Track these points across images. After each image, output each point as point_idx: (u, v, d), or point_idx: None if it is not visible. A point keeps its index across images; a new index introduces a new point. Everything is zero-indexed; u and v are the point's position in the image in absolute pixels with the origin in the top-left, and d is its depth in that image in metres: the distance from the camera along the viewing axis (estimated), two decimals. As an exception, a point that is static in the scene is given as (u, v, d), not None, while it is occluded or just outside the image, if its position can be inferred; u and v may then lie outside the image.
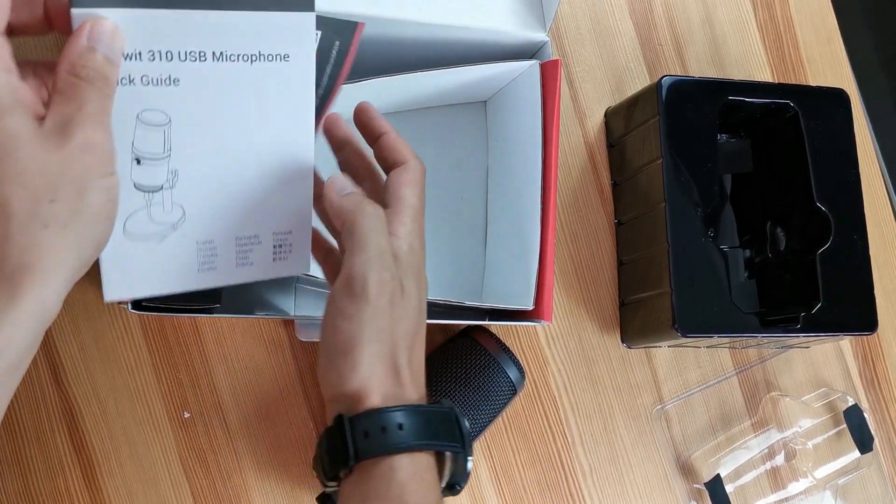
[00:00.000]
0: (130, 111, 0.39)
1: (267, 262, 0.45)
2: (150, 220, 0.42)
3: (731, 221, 0.70)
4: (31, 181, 0.35)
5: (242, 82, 0.40)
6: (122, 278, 0.42)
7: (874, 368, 0.74)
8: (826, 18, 0.77)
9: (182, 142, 0.40)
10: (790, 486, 0.70)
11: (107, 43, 0.37)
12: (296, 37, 0.40)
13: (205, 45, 0.38)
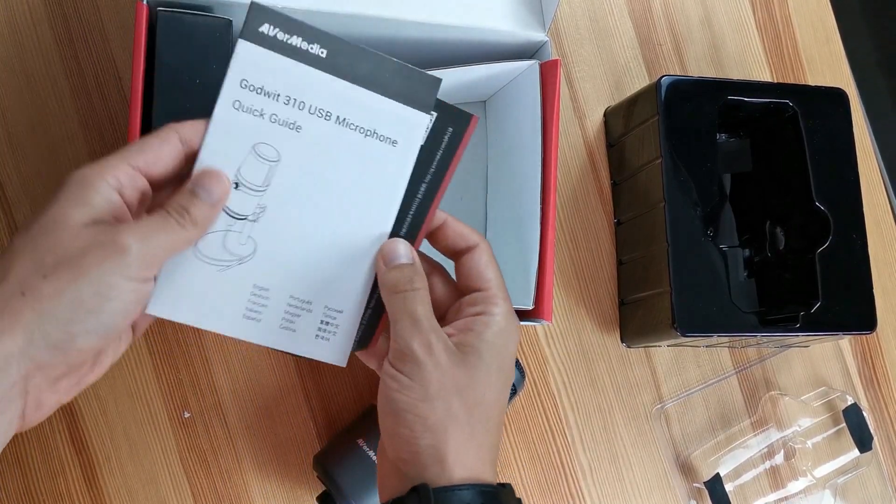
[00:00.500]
0: (249, 139, 0.42)
1: (308, 334, 0.45)
2: (222, 246, 0.43)
3: (731, 221, 0.70)
4: (42, 256, 0.37)
5: (351, 150, 0.44)
6: (173, 296, 0.43)
7: (873, 367, 0.74)
8: (825, 18, 0.77)
9: (280, 183, 0.43)
10: (790, 484, 0.70)
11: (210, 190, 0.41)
12: (408, 129, 0.45)
13: (334, 108, 0.43)
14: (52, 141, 0.62)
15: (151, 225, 0.40)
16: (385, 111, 0.44)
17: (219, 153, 0.42)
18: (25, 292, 0.37)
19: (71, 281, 0.37)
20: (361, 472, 0.57)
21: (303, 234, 0.44)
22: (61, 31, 0.63)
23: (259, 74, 0.42)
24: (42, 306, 0.37)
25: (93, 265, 0.37)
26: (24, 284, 0.37)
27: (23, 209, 0.61)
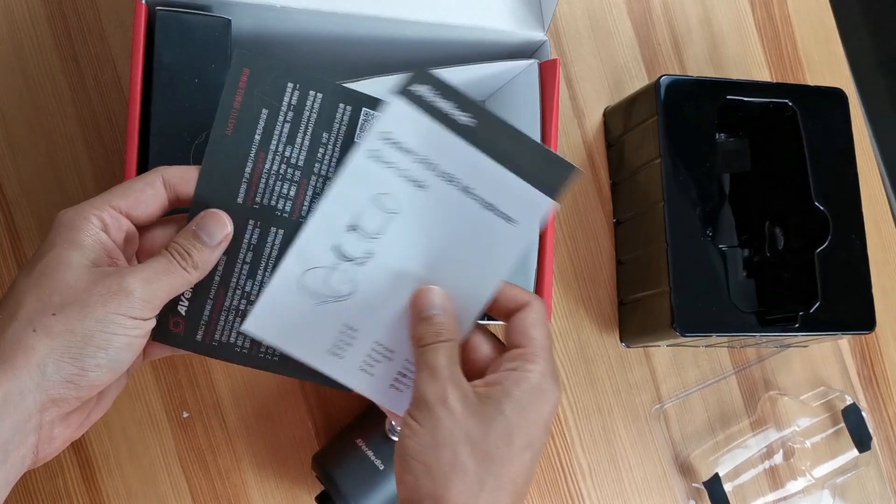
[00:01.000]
0: (374, 188, 0.44)
1: (384, 382, 0.46)
2: (324, 282, 0.44)
3: (730, 221, 0.70)
4: (49, 296, 0.39)
5: (468, 218, 0.44)
6: (268, 318, 0.44)
7: (872, 367, 0.74)
8: (824, 18, 0.77)
9: (392, 234, 0.44)
10: (788, 484, 0.70)
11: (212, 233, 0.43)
12: (530, 210, 0.44)
13: (463, 176, 0.43)
14: (50, 140, 0.62)
15: (155, 268, 0.41)
16: (511, 189, 0.44)
17: (344, 195, 0.44)
18: (37, 329, 0.39)
19: (79, 319, 0.39)
20: (360, 473, 0.57)
21: (401, 286, 0.44)
22: (60, 30, 0.63)
23: (402, 131, 0.43)
24: (54, 342, 0.39)
25: (98, 305, 0.39)
26: (34, 322, 0.39)
27: (21, 209, 0.61)
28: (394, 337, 0.45)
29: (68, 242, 0.41)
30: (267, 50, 0.59)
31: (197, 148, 0.51)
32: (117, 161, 0.62)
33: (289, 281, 0.44)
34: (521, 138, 0.43)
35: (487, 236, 0.44)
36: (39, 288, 0.40)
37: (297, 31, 0.57)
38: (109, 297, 0.40)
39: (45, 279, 0.40)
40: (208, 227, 0.43)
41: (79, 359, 0.39)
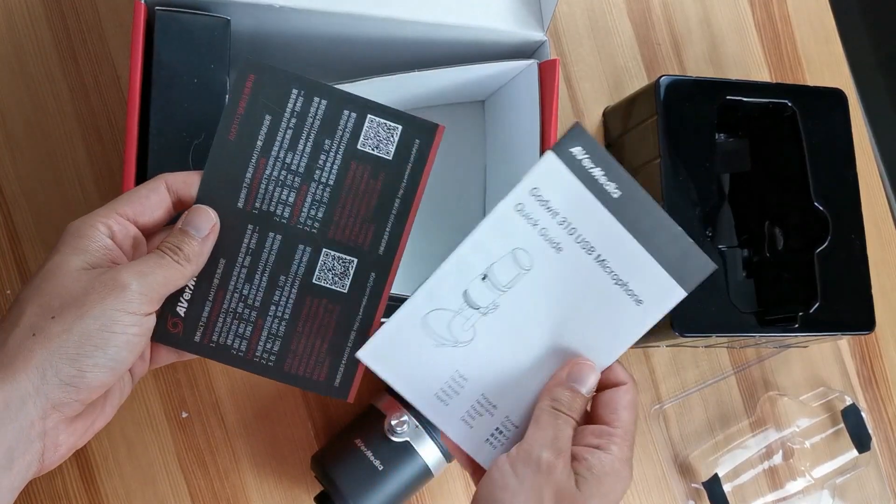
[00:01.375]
0: (512, 242, 0.44)
1: (481, 435, 0.46)
2: (446, 325, 0.44)
3: (730, 221, 0.70)
4: (49, 300, 0.40)
5: (597, 289, 0.44)
6: (385, 350, 0.44)
7: (872, 368, 0.74)
8: (824, 18, 0.77)
9: (521, 289, 0.44)
10: (788, 485, 0.70)
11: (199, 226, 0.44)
12: (659, 296, 0.44)
13: (600, 246, 0.43)
14: (50, 140, 0.62)
15: (148, 263, 0.42)
16: (645, 270, 0.44)
17: (483, 244, 0.44)
18: (36, 333, 0.39)
19: (77, 318, 0.40)
20: (359, 473, 0.57)
21: (519, 343, 0.45)
22: (59, 30, 0.63)
23: (551, 189, 0.43)
24: (52, 344, 0.39)
25: (96, 302, 0.40)
26: (34, 326, 0.40)
27: (20, 208, 0.61)
28: (500, 393, 0.45)
29: (71, 248, 0.42)
30: (266, 50, 0.59)
31: (196, 148, 0.51)
32: (116, 161, 0.62)
33: (414, 317, 0.44)
34: (665, 221, 0.43)
35: (613, 312, 0.44)
36: (40, 294, 0.41)
37: (296, 31, 0.57)
38: (106, 292, 0.40)
39: (45, 284, 0.41)
40: (194, 222, 0.44)
41: (76, 360, 0.39)
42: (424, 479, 0.59)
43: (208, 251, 0.45)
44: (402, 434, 0.57)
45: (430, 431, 0.58)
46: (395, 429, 0.57)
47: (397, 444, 0.57)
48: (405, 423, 0.58)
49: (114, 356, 0.40)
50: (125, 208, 0.43)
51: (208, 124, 0.52)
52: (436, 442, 0.58)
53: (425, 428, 0.58)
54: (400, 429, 0.57)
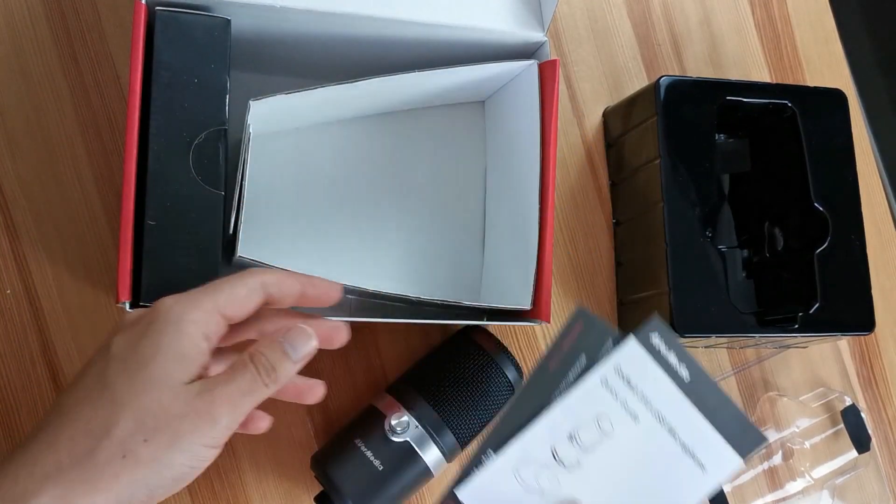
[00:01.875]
0: (597, 408, 0.49)
1: None
2: (535, 476, 0.49)
3: (729, 221, 0.70)
4: (143, 418, 0.39)
5: (666, 454, 0.49)
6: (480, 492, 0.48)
7: (871, 368, 0.74)
8: (824, 19, 0.77)
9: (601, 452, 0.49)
10: (788, 485, 0.70)
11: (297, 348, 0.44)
12: (720, 462, 0.49)
13: (671, 419, 0.49)
14: (49, 140, 0.62)
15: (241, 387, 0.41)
16: (709, 440, 0.50)
17: (572, 408, 0.49)
18: (126, 455, 0.39)
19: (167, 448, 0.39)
20: (359, 473, 0.57)
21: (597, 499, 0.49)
22: (59, 29, 0.63)
23: (632, 368, 0.50)
24: (137, 473, 0.39)
25: (187, 433, 0.40)
26: (125, 447, 0.39)
27: (20, 208, 0.61)
28: None
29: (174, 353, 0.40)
30: (266, 50, 0.59)
31: (196, 148, 0.51)
32: (116, 160, 0.62)
33: (507, 466, 0.48)
34: (726, 401, 0.50)
35: (679, 475, 0.50)
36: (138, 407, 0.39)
37: (296, 31, 0.57)
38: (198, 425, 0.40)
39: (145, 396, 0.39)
40: (295, 342, 0.44)
41: (154, 489, 0.40)
42: (424, 480, 0.59)
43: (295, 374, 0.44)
44: (402, 434, 0.57)
45: (431, 432, 0.58)
46: (395, 429, 0.57)
47: (397, 444, 0.57)
48: (405, 423, 0.58)
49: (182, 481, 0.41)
50: (227, 307, 0.42)
51: (209, 125, 0.52)
52: (436, 442, 0.58)
53: (426, 428, 0.58)
54: (400, 429, 0.57)
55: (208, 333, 0.41)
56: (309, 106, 0.59)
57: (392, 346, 0.65)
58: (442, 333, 0.65)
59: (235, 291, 0.43)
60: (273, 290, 0.44)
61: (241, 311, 0.43)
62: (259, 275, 0.44)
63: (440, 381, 0.60)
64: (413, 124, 0.66)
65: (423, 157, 0.66)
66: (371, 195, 0.64)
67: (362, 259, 0.63)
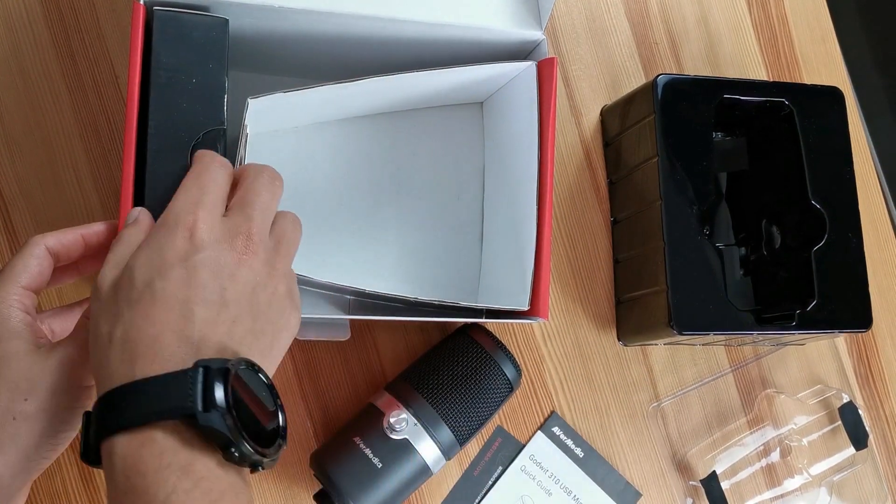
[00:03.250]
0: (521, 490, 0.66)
1: None
2: None
3: (727, 219, 0.70)
4: (15, 384, 0.44)
5: None
6: None
7: (869, 365, 0.74)
8: (821, 17, 0.78)
9: None
10: (785, 482, 0.70)
11: None
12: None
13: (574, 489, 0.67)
14: (47, 139, 0.62)
15: None
16: (601, 500, 0.67)
17: (503, 491, 0.65)
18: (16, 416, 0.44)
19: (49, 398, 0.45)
20: (358, 471, 0.57)
21: None
22: (57, 29, 0.63)
23: (542, 455, 0.67)
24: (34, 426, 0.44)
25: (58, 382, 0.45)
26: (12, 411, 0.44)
27: (19, 208, 0.61)
28: None
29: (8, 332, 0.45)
30: (264, 49, 0.59)
31: (195, 148, 0.51)
32: (115, 160, 0.62)
33: None
34: (611, 470, 0.67)
35: None
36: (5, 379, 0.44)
37: (295, 30, 0.57)
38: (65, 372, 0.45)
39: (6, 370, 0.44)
40: None
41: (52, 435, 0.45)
42: (423, 477, 0.59)
43: None
44: (401, 432, 0.58)
45: (429, 429, 0.58)
46: (394, 426, 0.58)
47: (396, 441, 0.58)
48: (404, 421, 0.58)
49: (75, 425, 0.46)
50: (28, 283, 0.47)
51: (207, 124, 0.52)
52: (434, 440, 0.58)
53: (424, 426, 0.58)
54: (399, 426, 0.57)
55: (25, 307, 0.46)
56: (307, 105, 0.59)
57: (390, 345, 0.65)
58: (440, 331, 0.66)
59: (28, 265, 0.47)
60: (58, 249, 0.48)
61: (41, 279, 0.47)
62: (40, 241, 0.47)
63: (439, 378, 0.60)
64: (411, 124, 0.66)
65: (421, 157, 0.66)
66: (369, 195, 0.64)
67: (360, 258, 0.63)
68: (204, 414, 0.37)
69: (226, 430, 0.37)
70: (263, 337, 0.43)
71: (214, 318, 0.40)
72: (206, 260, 0.41)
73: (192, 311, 0.40)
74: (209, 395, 0.37)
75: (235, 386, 0.38)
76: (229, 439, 0.38)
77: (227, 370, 0.38)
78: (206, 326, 0.40)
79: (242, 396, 0.39)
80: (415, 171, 0.65)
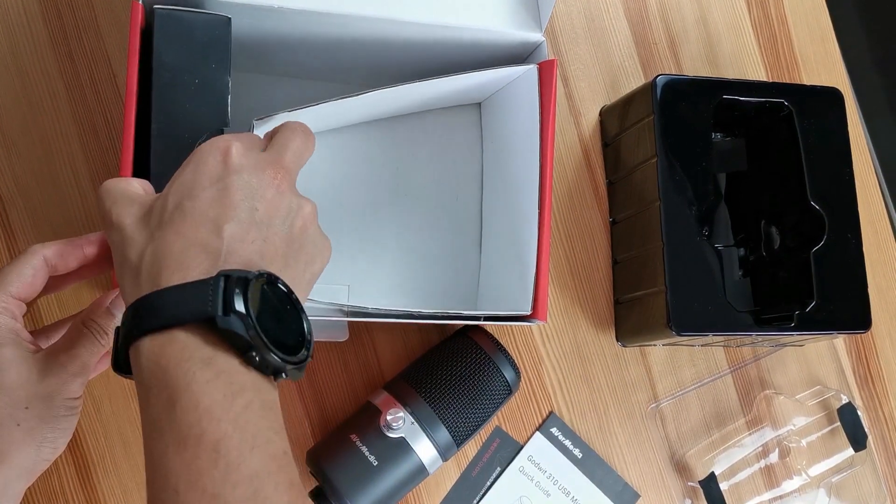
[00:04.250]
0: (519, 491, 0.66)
1: None
2: None
3: (726, 220, 0.70)
4: (15, 392, 0.45)
5: None
6: None
7: (868, 366, 0.74)
8: (820, 17, 0.78)
9: None
10: (784, 483, 0.70)
11: None
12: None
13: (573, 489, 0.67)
14: (46, 138, 0.62)
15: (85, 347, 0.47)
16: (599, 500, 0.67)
17: (501, 492, 0.65)
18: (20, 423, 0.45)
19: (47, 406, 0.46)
20: (354, 468, 0.57)
21: None
22: (56, 28, 0.62)
23: (540, 456, 0.66)
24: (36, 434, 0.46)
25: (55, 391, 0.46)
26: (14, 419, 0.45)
27: (16, 207, 0.61)
28: None
29: None
30: (264, 50, 0.59)
31: None
32: (113, 159, 0.62)
33: None
34: (610, 471, 0.67)
35: None
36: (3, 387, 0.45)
37: (294, 31, 0.57)
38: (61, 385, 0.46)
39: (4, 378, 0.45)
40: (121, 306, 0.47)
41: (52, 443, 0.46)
42: (419, 476, 0.59)
43: None
44: (397, 430, 0.58)
45: (427, 429, 0.58)
46: (391, 424, 0.57)
47: (393, 439, 0.57)
48: (401, 420, 0.58)
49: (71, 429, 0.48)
50: (17, 290, 0.47)
51: (211, 125, 0.51)
52: (431, 440, 0.58)
53: (421, 425, 0.58)
54: (396, 425, 0.57)
55: (13, 315, 0.47)
56: (308, 120, 0.59)
57: (389, 346, 0.65)
58: (439, 333, 0.65)
59: (21, 274, 0.47)
60: (56, 261, 0.48)
61: (33, 289, 0.48)
62: (39, 251, 0.48)
63: (437, 378, 0.60)
64: (410, 128, 0.65)
65: (419, 160, 0.66)
66: (368, 199, 0.64)
67: (361, 263, 0.63)
68: (223, 318, 0.38)
69: (244, 332, 0.38)
70: (296, 264, 0.43)
71: (243, 236, 0.40)
72: (239, 182, 0.41)
73: (220, 227, 0.40)
74: (228, 299, 0.38)
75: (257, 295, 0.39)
76: (248, 342, 0.38)
77: (248, 279, 0.38)
78: (233, 242, 0.40)
79: (264, 306, 0.39)
80: (413, 174, 0.65)
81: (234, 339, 0.38)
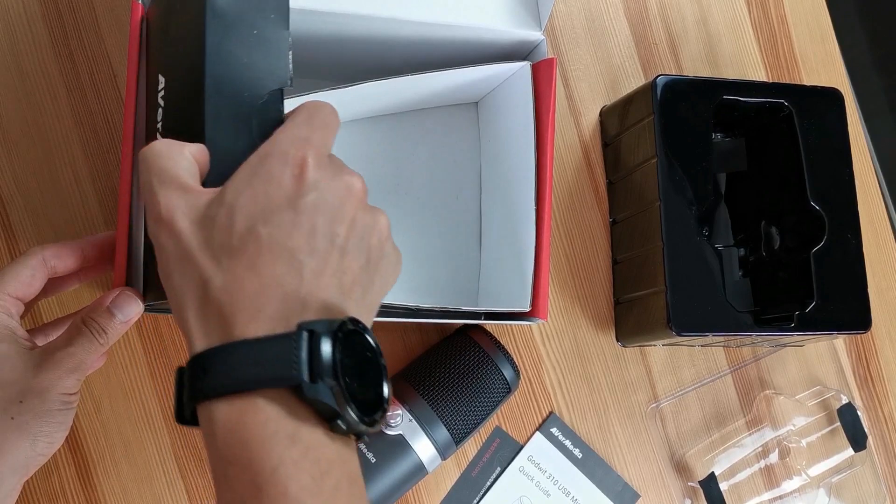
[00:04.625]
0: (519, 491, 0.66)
1: None
2: None
3: (726, 220, 0.70)
4: (9, 387, 0.45)
5: None
6: None
7: (868, 366, 0.74)
8: (820, 17, 0.78)
9: None
10: (784, 483, 0.70)
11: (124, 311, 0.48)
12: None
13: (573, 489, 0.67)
14: (46, 138, 0.62)
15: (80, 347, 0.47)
16: (599, 500, 0.67)
17: (501, 492, 0.65)
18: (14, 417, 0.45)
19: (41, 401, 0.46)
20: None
21: None
22: (56, 28, 0.63)
23: (540, 456, 0.67)
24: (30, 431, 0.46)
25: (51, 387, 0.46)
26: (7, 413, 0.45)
27: (17, 207, 0.61)
28: None
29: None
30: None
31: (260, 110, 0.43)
32: (113, 159, 0.62)
33: None
34: (609, 471, 0.68)
35: None
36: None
37: (294, 31, 0.57)
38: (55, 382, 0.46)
39: None
40: (123, 306, 0.47)
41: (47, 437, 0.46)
42: (418, 475, 0.59)
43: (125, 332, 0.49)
44: (396, 427, 0.58)
45: (425, 427, 0.58)
46: (389, 422, 0.58)
47: (391, 437, 0.58)
48: (399, 417, 0.58)
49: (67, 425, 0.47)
50: (14, 290, 0.47)
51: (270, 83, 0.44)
52: (430, 438, 0.58)
53: (420, 423, 0.58)
54: (394, 422, 0.58)
55: (9, 313, 0.47)
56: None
57: (388, 346, 0.65)
58: (438, 332, 0.65)
59: (20, 275, 0.47)
60: (55, 262, 0.48)
61: (31, 289, 0.48)
62: (38, 252, 0.48)
63: (436, 377, 0.60)
64: (407, 126, 0.66)
65: (418, 158, 0.66)
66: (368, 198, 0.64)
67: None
68: (311, 385, 0.34)
69: (332, 402, 0.34)
70: (371, 288, 0.39)
71: (322, 269, 0.36)
72: (316, 202, 0.37)
73: (300, 262, 0.36)
74: (315, 363, 0.34)
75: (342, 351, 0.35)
76: (336, 411, 0.35)
77: (336, 334, 0.35)
78: (313, 279, 0.36)
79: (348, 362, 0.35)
80: (412, 172, 0.65)
81: (321, 407, 0.35)
